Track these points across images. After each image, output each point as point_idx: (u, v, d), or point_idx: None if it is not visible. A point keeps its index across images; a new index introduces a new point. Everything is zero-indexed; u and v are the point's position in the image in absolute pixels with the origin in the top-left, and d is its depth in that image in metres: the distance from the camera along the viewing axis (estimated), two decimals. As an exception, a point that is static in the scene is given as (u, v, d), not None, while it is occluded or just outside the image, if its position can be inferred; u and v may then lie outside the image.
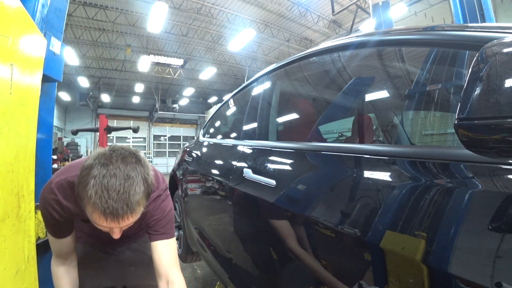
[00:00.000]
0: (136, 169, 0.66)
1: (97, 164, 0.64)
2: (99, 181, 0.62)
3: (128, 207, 0.63)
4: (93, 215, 0.65)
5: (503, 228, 0.39)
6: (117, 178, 0.63)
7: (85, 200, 0.64)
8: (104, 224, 0.65)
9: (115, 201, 0.62)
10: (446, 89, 0.87)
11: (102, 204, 0.61)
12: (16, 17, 0.95)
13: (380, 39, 0.83)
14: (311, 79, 1.39)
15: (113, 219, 0.63)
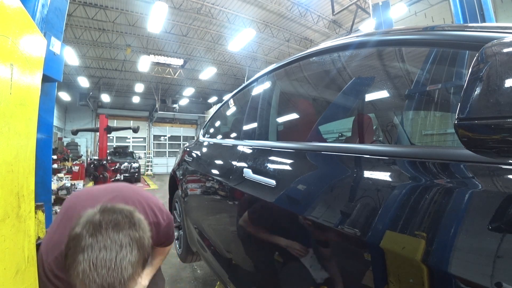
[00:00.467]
0: (129, 236, 0.61)
1: (85, 234, 0.59)
2: (87, 257, 0.57)
3: (120, 285, 0.57)
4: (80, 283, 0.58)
5: (503, 228, 0.39)
6: (107, 250, 0.57)
7: (73, 276, 0.59)
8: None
9: (105, 280, 0.56)
10: (446, 89, 0.87)
11: (90, 284, 0.56)
12: (16, 17, 0.95)
13: (380, 39, 0.83)
14: (311, 79, 1.39)
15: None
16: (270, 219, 0.96)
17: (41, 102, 1.21)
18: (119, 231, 0.60)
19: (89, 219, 0.62)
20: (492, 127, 0.38)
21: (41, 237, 1.28)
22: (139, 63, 11.49)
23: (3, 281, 0.84)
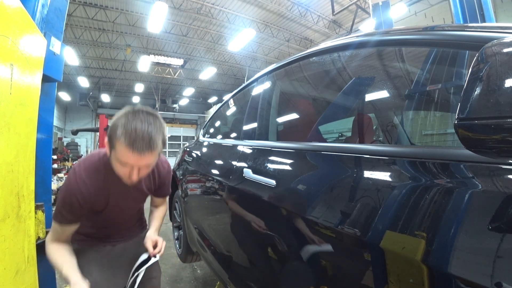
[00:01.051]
0: (156, 122, 0.83)
1: (126, 115, 0.81)
2: (128, 125, 0.78)
3: (150, 144, 0.80)
4: (120, 153, 0.80)
5: (503, 228, 0.39)
6: (142, 123, 0.79)
7: (115, 141, 0.80)
8: (129, 158, 0.80)
9: (141, 138, 0.78)
10: (446, 89, 0.87)
11: (130, 139, 0.77)
12: (16, 17, 0.95)
13: (380, 39, 0.83)
14: (311, 79, 1.39)
15: (138, 151, 0.78)
16: (270, 219, 0.96)
17: (41, 102, 1.21)
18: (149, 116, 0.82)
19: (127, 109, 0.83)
20: (492, 127, 0.38)
21: (41, 237, 1.28)
22: (139, 63, 11.50)
23: (3, 281, 0.84)
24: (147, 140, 0.79)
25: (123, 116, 0.81)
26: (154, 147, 0.81)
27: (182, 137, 18.48)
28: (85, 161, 0.97)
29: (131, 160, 0.80)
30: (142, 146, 0.78)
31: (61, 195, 0.92)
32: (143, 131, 0.78)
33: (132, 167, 0.84)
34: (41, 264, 1.19)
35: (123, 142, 0.77)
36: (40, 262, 1.15)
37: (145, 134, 0.78)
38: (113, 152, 0.83)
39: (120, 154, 0.80)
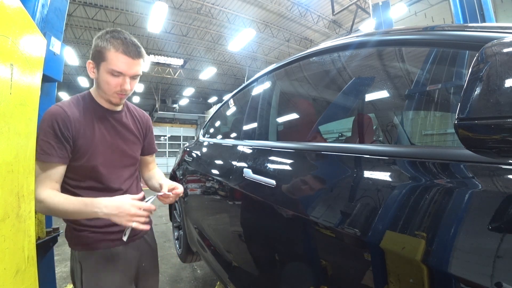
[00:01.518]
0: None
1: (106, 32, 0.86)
2: (116, 36, 0.84)
3: (140, 51, 0.88)
4: (113, 61, 0.83)
5: (503, 228, 0.39)
6: (126, 35, 0.87)
7: (105, 53, 0.83)
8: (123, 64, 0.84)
9: (132, 44, 0.86)
10: (446, 89, 0.87)
11: (123, 45, 0.83)
12: (16, 17, 0.95)
13: (380, 39, 0.83)
14: (311, 79, 1.39)
15: (131, 55, 0.84)
16: (270, 219, 0.96)
17: (41, 102, 1.21)
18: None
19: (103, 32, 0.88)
20: (492, 127, 0.38)
21: (41, 237, 1.28)
22: (139, 63, 11.47)
23: (3, 281, 0.84)
24: (137, 46, 0.87)
25: (105, 33, 0.85)
26: (143, 54, 0.89)
27: (182, 137, 18.47)
28: (62, 100, 0.93)
29: (124, 66, 0.84)
30: (135, 51, 0.85)
31: (42, 123, 0.83)
32: (132, 40, 0.86)
33: (124, 77, 0.86)
34: (41, 264, 1.19)
35: (117, 48, 0.83)
36: (40, 262, 1.15)
37: (134, 42, 0.87)
38: (103, 65, 0.85)
39: (113, 63, 0.83)
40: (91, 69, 0.89)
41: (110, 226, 0.90)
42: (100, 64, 0.86)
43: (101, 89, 0.90)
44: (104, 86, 0.88)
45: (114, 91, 0.88)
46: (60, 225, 0.97)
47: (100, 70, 0.86)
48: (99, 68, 0.86)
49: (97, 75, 0.88)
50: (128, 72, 0.86)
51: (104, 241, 0.92)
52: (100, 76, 0.87)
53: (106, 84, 0.87)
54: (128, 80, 0.88)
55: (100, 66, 0.86)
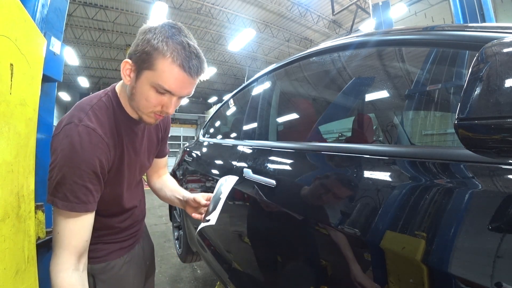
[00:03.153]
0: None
1: (163, 27, 0.61)
2: (176, 38, 0.59)
3: (203, 66, 0.64)
4: (166, 74, 0.60)
5: (503, 228, 0.39)
6: (189, 39, 0.62)
7: (156, 60, 0.59)
8: (177, 81, 0.61)
9: (195, 56, 0.61)
10: (446, 89, 0.87)
11: (184, 56, 0.59)
12: (16, 17, 0.95)
13: (380, 39, 0.83)
14: (311, 79, 1.39)
15: (191, 72, 0.61)
16: (270, 219, 0.96)
17: (41, 102, 1.21)
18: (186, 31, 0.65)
19: (158, 25, 0.63)
20: (492, 127, 0.38)
21: (41, 237, 1.28)
22: (139, 63, 11.47)
23: (3, 281, 0.84)
24: (201, 59, 0.63)
25: (160, 28, 0.60)
26: (205, 69, 0.65)
27: (182, 137, 18.47)
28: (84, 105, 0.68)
29: (177, 85, 0.61)
30: (197, 67, 0.62)
31: (66, 159, 0.60)
32: (196, 48, 0.61)
33: (171, 96, 0.64)
34: (41, 264, 1.19)
35: (175, 59, 0.58)
36: (40, 262, 1.15)
37: (198, 52, 0.62)
38: (148, 74, 0.61)
39: (164, 77, 0.60)
40: (126, 71, 0.64)
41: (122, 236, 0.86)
42: (143, 71, 0.62)
43: (135, 102, 0.67)
44: (140, 101, 0.65)
45: (153, 111, 0.66)
46: None
47: (141, 80, 0.62)
48: (140, 75, 0.62)
49: (133, 83, 0.64)
50: (180, 92, 0.64)
51: (118, 250, 0.84)
52: (138, 87, 0.64)
53: (144, 99, 0.64)
54: (174, 100, 0.66)
55: (143, 74, 0.62)
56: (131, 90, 0.66)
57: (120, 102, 0.72)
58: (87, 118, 0.64)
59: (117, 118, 0.71)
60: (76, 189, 0.60)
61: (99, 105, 0.68)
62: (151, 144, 0.86)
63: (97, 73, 13.86)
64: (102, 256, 0.79)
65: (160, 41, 0.59)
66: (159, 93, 0.63)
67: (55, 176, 0.60)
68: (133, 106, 0.69)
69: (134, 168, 0.81)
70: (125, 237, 0.86)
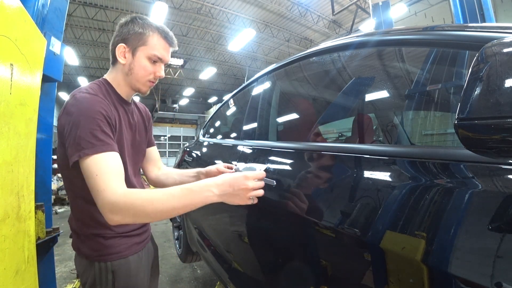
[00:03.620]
0: None
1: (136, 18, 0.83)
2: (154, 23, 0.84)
3: (175, 39, 0.88)
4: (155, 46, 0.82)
5: (503, 228, 0.39)
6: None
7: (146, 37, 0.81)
8: (163, 50, 0.84)
9: (169, 31, 0.86)
10: (446, 89, 0.87)
11: (164, 32, 0.83)
12: (16, 17, 0.95)
13: (380, 39, 0.83)
14: (311, 79, 1.39)
15: (171, 42, 0.85)
16: (270, 219, 0.96)
17: (41, 102, 1.21)
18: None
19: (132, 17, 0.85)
20: (492, 127, 0.38)
21: (41, 237, 1.28)
22: (139, 63, 11.47)
23: (3, 281, 0.84)
24: (172, 34, 0.87)
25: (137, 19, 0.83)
26: (176, 43, 0.89)
27: (182, 137, 18.48)
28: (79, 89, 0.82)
29: (165, 53, 0.84)
30: (173, 38, 0.86)
31: (86, 111, 0.70)
32: (167, 28, 0.86)
33: (160, 64, 0.85)
34: (41, 264, 1.19)
35: (159, 34, 0.82)
36: (40, 262, 1.15)
37: (170, 30, 0.86)
38: (143, 49, 0.82)
39: (156, 48, 0.82)
40: (122, 53, 0.83)
41: (137, 229, 0.89)
42: (137, 48, 0.82)
43: (133, 75, 0.84)
44: (139, 72, 0.83)
45: (148, 79, 0.86)
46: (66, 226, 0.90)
47: (137, 55, 0.82)
48: (135, 52, 0.82)
49: (130, 60, 0.83)
50: (166, 59, 0.86)
51: (134, 245, 0.87)
52: (136, 61, 0.83)
53: (142, 69, 0.83)
54: (162, 66, 0.87)
55: (138, 51, 0.82)
56: (128, 66, 0.84)
57: (112, 85, 0.88)
58: (86, 91, 0.78)
59: (110, 96, 0.85)
60: (97, 134, 0.69)
61: (92, 86, 0.83)
62: (140, 126, 0.98)
63: (97, 73, 13.86)
64: (121, 251, 0.82)
65: (147, 25, 0.82)
66: (152, 62, 0.84)
67: (74, 133, 0.69)
68: (131, 80, 0.86)
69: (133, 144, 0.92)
70: (139, 230, 0.90)
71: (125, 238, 0.84)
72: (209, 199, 0.68)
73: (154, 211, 0.63)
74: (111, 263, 0.80)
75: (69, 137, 0.70)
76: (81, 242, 0.81)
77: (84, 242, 0.81)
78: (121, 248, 0.82)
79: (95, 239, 0.80)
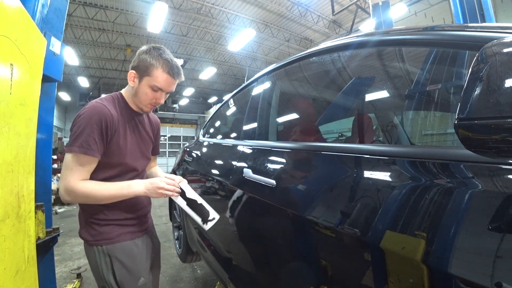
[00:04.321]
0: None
1: (151, 49, 0.96)
2: (163, 56, 0.95)
3: (181, 72, 1.00)
4: (157, 78, 0.95)
5: (503, 228, 0.39)
6: (170, 56, 0.98)
7: (151, 69, 0.94)
8: (165, 83, 0.96)
9: (175, 66, 0.97)
10: (446, 89, 0.87)
11: (168, 66, 0.95)
12: (16, 17, 0.95)
13: (380, 39, 0.83)
14: (311, 79, 1.39)
15: (174, 76, 0.97)
16: (270, 219, 0.96)
17: (41, 102, 1.21)
18: (167, 51, 1.00)
19: (148, 48, 0.98)
20: (492, 127, 0.38)
21: (41, 237, 1.28)
22: (139, 63, 11.46)
23: (3, 281, 0.84)
24: (179, 68, 0.99)
25: (153, 50, 0.96)
26: (182, 75, 1.01)
27: (182, 137, 18.46)
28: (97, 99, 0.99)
29: (165, 85, 0.96)
30: (177, 73, 0.98)
31: (84, 119, 0.89)
32: (175, 62, 0.98)
33: (162, 92, 0.98)
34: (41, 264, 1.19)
35: (164, 68, 0.94)
36: (40, 262, 1.15)
37: (177, 64, 0.98)
38: (147, 79, 0.95)
39: (157, 80, 0.95)
40: (132, 78, 0.98)
41: (130, 219, 1.03)
42: (143, 77, 0.96)
43: (137, 97, 1.00)
44: (141, 97, 0.99)
45: (149, 102, 1.00)
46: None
47: (142, 83, 0.96)
48: (141, 80, 0.97)
49: (137, 86, 0.98)
50: (167, 89, 0.98)
51: (128, 233, 1.01)
52: (140, 87, 0.98)
53: (144, 95, 0.98)
54: (164, 94, 1.00)
55: (143, 80, 0.96)
56: (135, 90, 1.00)
57: (124, 98, 1.04)
58: (100, 101, 0.97)
59: (121, 107, 1.01)
60: (86, 138, 0.87)
61: (107, 98, 1.01)
62: (147, 133, 1.13)
63: (97, 73, 13.85)
64: (114, 237, 0.97)
65: (155, 58, 0.95)
66: (154, 90, 0.97)
67: (75, 130, 0.89)
68: (135, 100, 1.02)
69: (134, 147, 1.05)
70: (132, 221, 1.04)
71: (117, 226, 0.99)
72: (138, 189, 0.95)
73: (98, 196, 0.90)
74: (106, 247, 0.96)
75: (71, 131, 0.91)
76: (82, 228, 1.00)
77: (83, 228, 0.99)
78: (113, 235, 0.98)
79: (91, 225, 0.98)
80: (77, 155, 0.88)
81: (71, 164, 0.88)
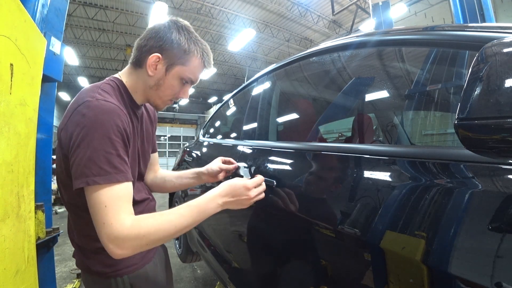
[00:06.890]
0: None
1: (180, 28, 0.73)
2: (199, 42, 0.74)
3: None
4: (193, 69, 0.74)
5: (503, 228, 0.39)
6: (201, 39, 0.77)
7: (189, 57, 0.72)
8: (198, 74, 0.76)
9: (211, 54, 0.78)
10: (446, 89, 0.87)
11: (208, 56, 0.76)
12: (16, 17, 0.95)
13: (380, 39, 0.83)
14: (311, 79, 1.39)
15: (209, 66, 0.78)
16: (270, 219, 0.96)
17: (41, 102, 1.21)
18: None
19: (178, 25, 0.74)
20: (492, 127, 0.38)
21: (41, 237, 1.28)
22: (139, 63, 11.47)
23: (3, 281, 0.84)
24: (212, 56, 0.79)
25: (183, 29, 0.72)
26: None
27: (182, 137, 18.47)
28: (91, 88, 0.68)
29: (199, 76, 0.78)
30: (212, 62, 0.79)
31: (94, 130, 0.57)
32: (209, 48, 0.77)
33: (189, 85, 0.78)
34: (41, 264, 1.19)
35: (203, 57, 0.74)
36: (40, 262, 1.15)
37: (210, 50, 0.78)
38: (179, 69, 0.72)
39: (193, 72, 0.74)
40: (154, 64, 0.70)
41: None
42: (175, 65, 0.71)
43: (159, 90, 0.74)
44: (166, 90, 0.74)
45: (171, 98, 0.78)
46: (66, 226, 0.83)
47: (171, 72, 0.72)
48: (170, 69, 0.72)
49: (161, 75, 0.72)
50: (197, 80, 0.78)
51: (148, 253, 0.81)
52: (167, 78, 0.73)
53: (169, 88, 0.74)
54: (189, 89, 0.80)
55: (174, 68, 0.72)
56: (156, 81, 0.73)
57: (127, 88, 0.76)
58: (99, 95, 0.64)
59: (125, 102, 0.74)
60: (112, 159, 0.58)
61: (105, 87, 0.70)
62: (148, 129, 0.89)
63: (97, 73, 13.87)
64: (137, 262, 0.76)
65: (194, 42, 0.73)
66: (182, 83, 0.76)
67: (82, 154, 0.57)
68: (152, 95, 0.76)
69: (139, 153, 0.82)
70: None
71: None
72: (215, 210, 0.70)
73: (167, 234, 0.61)
74: (128, 276, 0.73)
75: (76, 153, 0.58)
76: (91, 259, 0.72)
77: (93, 259, 0.72)
78: (137, 259, 0.75)
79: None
80: (108, 186, 0.57)
81: (101, 202, 0.57)
